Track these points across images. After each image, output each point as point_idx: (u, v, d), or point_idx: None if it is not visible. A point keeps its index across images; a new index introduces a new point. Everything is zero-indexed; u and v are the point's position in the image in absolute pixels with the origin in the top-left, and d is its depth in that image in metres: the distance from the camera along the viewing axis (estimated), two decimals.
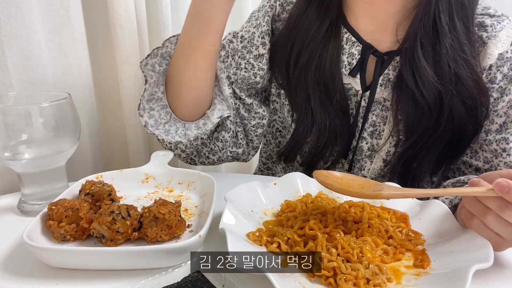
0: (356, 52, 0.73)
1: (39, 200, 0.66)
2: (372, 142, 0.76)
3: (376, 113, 0.74)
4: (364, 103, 0.74)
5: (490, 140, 0.71)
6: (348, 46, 0.73)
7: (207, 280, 0.49)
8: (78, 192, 0.64)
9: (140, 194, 0.70)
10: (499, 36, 0.68)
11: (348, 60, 0.73)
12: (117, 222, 0.53)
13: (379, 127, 0.75)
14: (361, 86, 0.74)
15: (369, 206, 0.61)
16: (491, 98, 0.70)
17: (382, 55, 0.72)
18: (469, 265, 0.46)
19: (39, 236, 0.55)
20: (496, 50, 0.68)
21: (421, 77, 0.66)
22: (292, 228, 0.57)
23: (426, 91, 0.66)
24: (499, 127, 0.71)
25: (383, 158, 0.75)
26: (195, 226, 0.60)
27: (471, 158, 0.74)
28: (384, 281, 0.48)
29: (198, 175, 0.71)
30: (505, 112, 0.70)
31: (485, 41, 0.69)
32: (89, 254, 0.51)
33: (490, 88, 0.70)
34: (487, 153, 0.72)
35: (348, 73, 0.74)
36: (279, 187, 0.68)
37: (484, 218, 0.50)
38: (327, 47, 0.73)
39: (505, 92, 0.69)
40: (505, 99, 0.70)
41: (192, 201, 0.68)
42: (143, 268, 0.52)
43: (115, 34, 0.93)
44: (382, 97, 0.73)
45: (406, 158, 0.72)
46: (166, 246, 0.51)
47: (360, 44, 0.73)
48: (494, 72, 0.69)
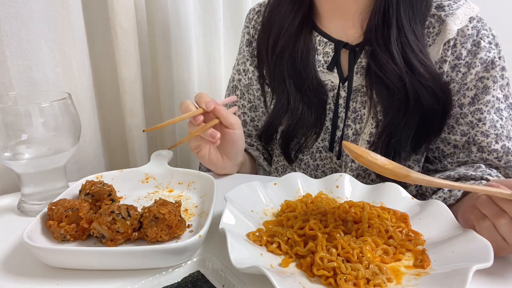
0: (330, 50, 0.81)
1: (39, 200, 0.66)
2: (355, 127, 0.81)
3: (356, 100, 0.81)
4: (344, 93, 0.81)
5: (465, 112, 0.76)
6: (321, 47, 0.82)
7: (207, 280, 0.49)
8: (78, 192, 0.64)
9: (140, 194, 0.70)
10: (457, 13, 0.75)
11: (324, 59, 0.82)
12: (117, 222, 0.53)
13: (360, 112, 0.80)
14: (339, 78, 0.81)
15: (369, 206, 0.61)
16: (459, 73, 0.75)
17: (354, 47, 0.79)
18: (469, 265, 0.46)
19: (39, 236, 0.55)
20: (455, 26, 0.74)
21: (380, 64, 0.74)
22: (292, 228, 0.57)
23: (389, 75, 0.73)
24: (471, 100, 0.75)
25: (367, 140, 0.79)
26: (195, 226, 0.60)
27: (448, 134, 0.79)
28: (384, 281, 0.48)
29: (198, 175, 0.71)
30: (474, 85, 0.75)
31: (444, 19, 0.75)
32: (89, 254, 0.51)
33: (457, 64, 0.75)
34: (463, 126, 0.77)
35: (325, 70, 0.82)
36: (279, 187, 0.68)
37: (496, 221, 0.50)
38: (299, 39, 0.81)
39: (471, 65, 0.75)
40: (472, 72, 0.75)
41: (192, 201, 0.68)
42: (143, 268, 0.52)
43: (115, 34, 0.93)
44: (360, 85, 0.80)
45: (385, 135, 0.77)
46: (166, 246, 0.51)
47: (332, 42, 0.81)
48: (459, 49, 0.75)
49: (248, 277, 0.48)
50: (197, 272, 0.51)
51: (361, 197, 0.68)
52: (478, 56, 0.74)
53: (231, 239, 0.50)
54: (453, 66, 0.76)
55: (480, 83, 0.75)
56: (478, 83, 0.75)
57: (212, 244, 0.57)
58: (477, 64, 0.74)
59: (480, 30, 0.75)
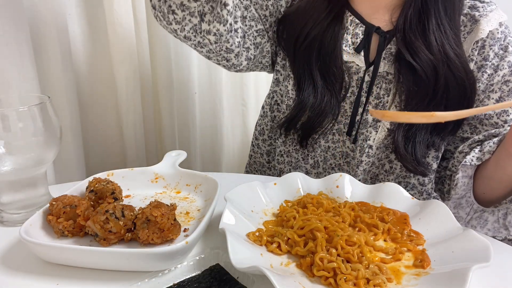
0: (360, 32, 0.81)
1: (19, 209, 0.63)
2: None
3: (380, 86, 0.81)
4: (368, 78, 0.81)
5: (490, 114, 0.76)
6: (352, 27, 0.81)
7: (227, 272, 0.50)
8: (85, 189, 0.64)
9: (147, 193, 0.70)
10: (489, 15, 0.77)
11: (352, 40, 0.81)
12: (110, 221, 0.53)
13: (383, 99, 0.81)
14: (364, 62, 0.81)
15: (370, 206, 0.61)
16: (485, 74, 0.76)
17: (385, 33, 0.80)
18: (469, 265, 0.46)
19: (39, 231, 0.56)
20: (487, 27, 0.76)
21: (415, 51, 0.75)
22: (292, 228, 0.57)
23: (421, 62, 0.74)
24: (496, 102, 0.76)
25: (387, 128, 0.80)
26: (192, 231, 0.58)
27: (471, 134, 0.79)
28: (384, 281, 0.48)
29: (205, 178, 0.70)
30: (499, 87, 0.76)
31: (477, 19, 0.77)
32: (75, 252, 0.51)
33: (484, 65, 0.76)
34: (488, 127, 0.76)
35: (352, 51, 0.81)
36: (279, 187, 0.68)
37: None
38: (330, 29, 0.81)
39: (499, 67, 0.76)
40: (500, 74, 0.76)
41: (196, 204, 0.67)
42: (132, 270, 0.52)
43: (114, 34, 0.93)
44: (385, 71, 0.80)
45: (405, 123, 0.77)
46: (150, 251, 0.50)
47: (363, 25, 0.81)
48: (488, 51, 0.76)
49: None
50: (217, 264, 0.51)
51: (361, 197, 0.68)
52: (506, 60, 0.76)
53: (231, 239, 0.50)
54: (479, 66, 0.77)
55: (505, 86, 0.76)
56: (503, 86, 0.76)
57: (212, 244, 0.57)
58: (504, 67, 0.76)
59: (507, 36, 0.77)
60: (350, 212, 0.60)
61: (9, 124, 0.59)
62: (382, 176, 0.84)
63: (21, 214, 0.63)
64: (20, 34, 0.78)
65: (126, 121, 1.01)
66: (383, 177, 0.84)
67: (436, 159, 0.83)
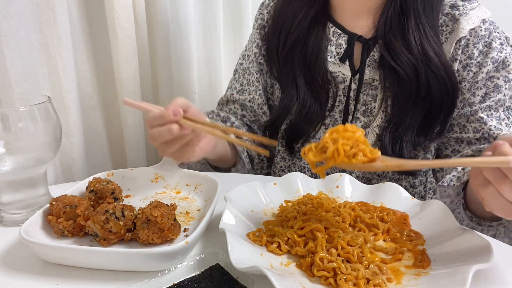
0: (343, 42, 0.82)
1: (19, 209, 0.63)
2: (365, 120, 0.83)
3: (367, 93, 0.82)
4: (354, 85, 0.82)
5: (476, 110, 0.77)
6: (335, 38, 0.83)
7: (227, 272, 0.50)
8: (85, 189, 0.64)
9: (148, 193, 0.70)
10: (470, 14, 0.77)
11: (337, 50, 0.83)
12: (110, 221, 0.53)
13: (370, 105, 0.82)
14: (350, 71, 0.82)
15: (370, 206, 0.61)
16: (471, 72, 0.77)
17: (367, 40, 0.80)
18: (469, 265, 0.46)
19: (39, 230, 0.56)
20: (467, 25, 0.76)
21: (395, 53, 0.76)
22: (292, 228, 0.57)
23: (403, 65, 0.75)
24: (482, 98, 0.77)
25: (376, 133, 0.81)
26: (192, 231, 0.58)
27: (461, 133, 0.79)
28: (384, 281, 0.48)
29: (205, 178, 0.70)
30: (484, 84, 0.77)
31: (457, 18, 0.77)
32: (75, 252, 0.51)
33: (469, 63, 0.77)
34: (475, 123, 0.77)
35: (337, 61, 0.83)
36: (279, 187, 0.68)
37: (499, 186, 0.49)
38: (311, 33, 0.82)
39: (483, 65, 0.76)
40: (484, 71, 0.76)
41: (196, 204, 0.67)
42: (132, 270, 0.51)
43: (114, 34, 0.93)
44: (370, 78, 0.81)
45: (393, 124, 0.78)
46: (150, 251, 0.50)
47: (346, 35, 0.82)
48: (472, 49, 0.77)
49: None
50: (216, 264, 0.51)
51: (361, 197, 0.68)
52: (489, 56, 0.76)
53: (231, 239, 0.50)
54: (464, 65, 0.77)
55: (490, 82, 0.76)
56: (487, 82, 0.76)
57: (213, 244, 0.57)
58: (488, 63, 0.76)
59: (491, 32, 0.77)
60: (350, 212, 0.60)
61: (9, 124, 0.59)
62: (375, 181, 0.84)
63: (21, 214, 0.63)
64: (20, 34, 0.78)
65: (126, 121, 1.01)
66: (376, 181, 0.84)
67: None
